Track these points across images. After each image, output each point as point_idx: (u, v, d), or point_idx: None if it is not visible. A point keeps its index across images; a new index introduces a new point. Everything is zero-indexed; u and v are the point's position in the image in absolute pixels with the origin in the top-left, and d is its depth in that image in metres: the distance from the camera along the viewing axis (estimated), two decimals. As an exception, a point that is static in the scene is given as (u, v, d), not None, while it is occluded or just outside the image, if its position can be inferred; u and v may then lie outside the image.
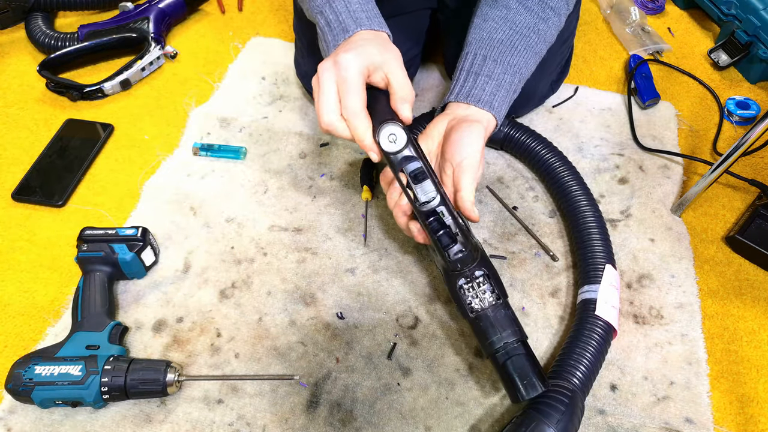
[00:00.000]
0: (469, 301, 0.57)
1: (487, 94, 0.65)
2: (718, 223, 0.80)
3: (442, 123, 0.65)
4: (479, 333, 0.57)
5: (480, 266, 0.58)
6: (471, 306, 0.57)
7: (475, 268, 0.58)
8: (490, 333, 0.56)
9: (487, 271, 0.58)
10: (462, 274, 0.57)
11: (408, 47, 0.87)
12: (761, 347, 0.68)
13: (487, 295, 0.57)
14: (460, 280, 0.58)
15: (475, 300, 0.57)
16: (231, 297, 0.70)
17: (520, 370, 0.54)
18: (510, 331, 0.56)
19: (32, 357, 0.59)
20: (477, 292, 0.57)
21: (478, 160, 0.60)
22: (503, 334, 0.55)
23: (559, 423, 0.53)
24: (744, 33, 0.97)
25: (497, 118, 0.65)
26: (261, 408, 0.61)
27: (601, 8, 1.13)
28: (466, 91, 0.66)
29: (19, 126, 0.89)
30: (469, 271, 0.57)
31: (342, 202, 0.79)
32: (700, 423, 0.61)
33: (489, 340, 0.56)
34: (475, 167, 0.60)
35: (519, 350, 0.55)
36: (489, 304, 0.57)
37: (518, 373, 0.54)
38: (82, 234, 0.68)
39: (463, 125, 0.62)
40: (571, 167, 0.77)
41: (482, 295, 0.57)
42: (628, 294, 0.71)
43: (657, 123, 0.92)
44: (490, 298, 0.57)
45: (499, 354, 0.55)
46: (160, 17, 1.01)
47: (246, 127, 0.89)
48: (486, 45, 0.67)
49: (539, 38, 0.69)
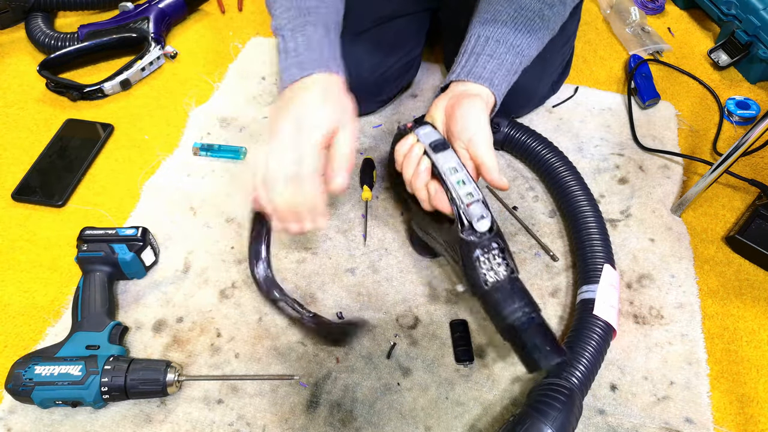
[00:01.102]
0: (483, 273, 0.56)
1: (488, 71, 0.64)
2: (718, 223, 0.80)
3: (442, 102, 0.64)
4: (493, 305, 0.56)
5: (496, 238, 0.57)
6: (485, 279, 0.56)
7: (492, 240, 0.57)
8: (507, 304, 0.55)
9: (503, 243, 0.57)
10: (480, 245, 0.56)
11: (409, 48, 0.87)
12: (761, 347, 0.68)
13: (502, 268, 0.56)
14: (477, 251, 0.56)
15: (490, 272, 0.56)
16: (231, 297, 0.70)
17: (539, 339, 0.53)
18: (526, 301, 0.55)
19: (32, 357, 0.59)
20: (492, 264, 0.56)
21: (487, 131, 0.60)
22: (520, 304, 0.54)
23: (556, 421, 0.53)
24: (744, 33, 0.97)
25: (496, 96, 0.65)
26: (261, 408, 0.61)
27: (601, 8, 1.13)
28: (467, 69, 0.65)
29: (19, 126, 0.89)
30: (487, 242, 0.56)
31: (342, 202, 0.79)
32: (700, 423, 0.61)
33: (506, 311, 0.54)
34: (487, 138, 0.59)
35: (538, 320, 0.54)
36: (504, 277, 0.56)
37: (537, 342, 0.53)
38: (82, 234, 0.68)
39: (463, 101, 0.61)
40: (571, 167, 0.77)
41: (497, 267, 0.56)
42: (628, 294, 0.71)
43: (657, 123, 0.92)
44: (504, 270, 0.56)
45: (516, 324, 0.54)
46: (160, 17, 1.01)
47: (246, 127, 0.89)
48: (489, 26, 0.67)
49: (543, 23, 0.68)
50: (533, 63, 0.72)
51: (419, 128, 0.62)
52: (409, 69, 0.91)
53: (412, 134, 0.62)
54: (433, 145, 0.59)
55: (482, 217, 0.57)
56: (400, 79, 0.89)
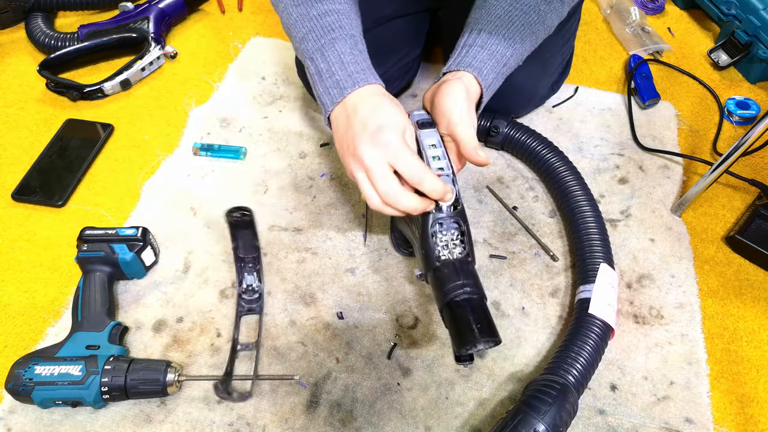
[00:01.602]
0: (438, 249, 0.55)
1: (478, 61, 0.65)
2: (718, 223, 0.80)
3: (429, 93, 0.66)
4: (439, 281, 0.53)
5: (458, 218, 0.56)
6: (438, 255, 0.54)
7: (453, 218, 0.55)
8: (450, 280, 0.52)
9: (464, 227, 0.56)
10: (439, 220, 0.55)
11: (409, 49, 0.87)
12: (761, 347, 0.68)
13: (458, 249, 0.55)
14: (435, 226, 0.55)
15: (444, 250, 0.55)
16: (231, 297, 0.70)
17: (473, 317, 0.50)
18: (472, 282, 0.53)
19: (32, 357, 0.59)
20: (448, 243, 0.55)
21: (465, 110, 0.60)
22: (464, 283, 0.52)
23: (546, 415, 0.53)
24: (744, 33, 0.97)
25: (483, 85, 0.64)
26: (261, 408, 0.61)
27: (601, 8, 1.13)
28: (458, 60, 0.65)
29: (19, 126, 0.89)
30: (447, 219, 0.55)
31: (342, 202, 0.79)
32: (700, 423, 0.61)
33: (447, 287, 0.52)
34: (465, 117, 0.59)
35: (478, 301, 0.52)
36: (457, 257, 0.54)
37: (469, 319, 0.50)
38: (82, 234, 0.68)
39: (442, 86, 0.62)
40: (570, 166, 0.77)
41: (453, 248, 0.55)
42: (628, 294, 0.71)
43: (657, 123, 0.92)
44: (459, 253, 0.55)
45: (455, 300, 0.52)
46: (160, 17, 1.01)
47: (246, 127, 0.89)
48: (484, 20, 0.67)
49: (539, 18, 0.68)
50: (533, 63, 0.72)
51: (415, 110, 0.64)
52: (409, 69, 0.91)
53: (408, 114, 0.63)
54: (420, 122, 0.61)
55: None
56: (400, 79, 0.89)
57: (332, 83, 0.60)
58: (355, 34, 0.63)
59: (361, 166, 0.56)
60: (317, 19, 0.62)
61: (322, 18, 0.62)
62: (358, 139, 0.56)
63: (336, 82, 0.60)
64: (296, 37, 0.64)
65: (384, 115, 0.57)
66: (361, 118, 0.57)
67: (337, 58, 0.61)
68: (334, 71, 0.60)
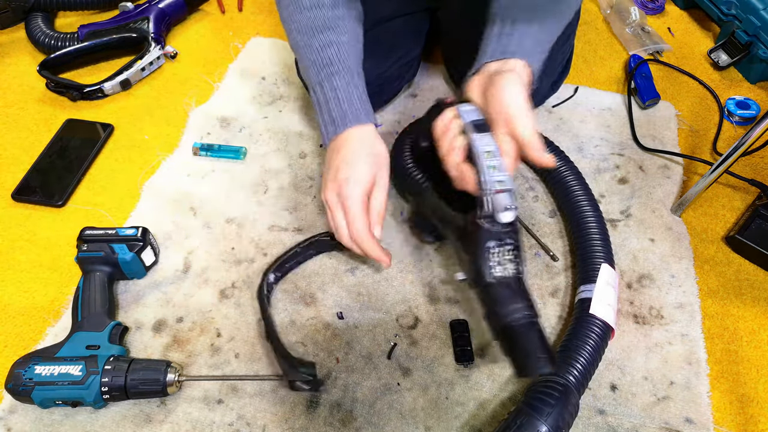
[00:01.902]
0: (491, 265, 0.54)
1: (524, 48, 0.62)
2: (718, 223, 0.80)
3: (476, 84, 0.62)
4: (494, 300, 0.54)
5: (514, 234, 0.55)
6: (492, 271, 0.54)
7: (509, 234, 0.55)
8: (509, 302, 0.53)
9: (518, 242, 0.55)
10: (496, 236, 0.54)
11: (408, 48, 0.87)
12: (761, 347, 0.68)
13: (511, 265, 0.55)
14: (491, 242, 0.54)
15: (498, 266, 0.54)
16: (231, 297, 0.70)
17: (535, 345, 0.52)
18: (528, 304, 0.54)
19: (32, 357, 0.59)
20: (502, 259, 0.54)
21: (528, 108, 0.56)
22: (522, 305, 0.53)
23: (549, 416, 0.53)
24: (744, 33, 0.97)
25: (533, 70, 0.62)
26: (261, 408, 0.61)
27: (601, 8, 1.13)
28: (500, 49, 0.62)
29: (19, 126, 0.89)
30: (504, 235, 0.54)
31: (342, 202, 0.79)
32: (700, 423, 0.61)
33: (506, 309, 0.53)
34: (528, 115, 0.56)
35: (537, 325, 0.53)
36: (511, 274, 0.54)
37: (532, 348, 0.52)
38: (82, 234, 0.68)
39: (496, 78, 0.59)
40: (571, 166, 0.77)
41: (507, 263, 0.54)
42: (628, 294, 0.71)
43: (657, 123, 0.92)
44: (513, 268, 0.55)
45: (514, 325, 0.53)
46: (160, 17, 1.01)
47: (246, 127, 0.89)
48: (512, 10, 0.64)
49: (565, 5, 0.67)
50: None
51: (461, 104, 0.60)
52: (409, 69, 0.91)
53: (453, 109, 0.60)
54: (474, 124, 0.57)
55: (507, 209, 0.54)
56: (400, 79, 0.89)
57: (329, 119, 0.66)
58: (353, 67, 0.67)
59: (326, 202, 0.65)
60: (319, 51, 0.67)
61: (323, 50, 0.67)
62: (330, 181, 0.64)
63: (332, 118, 0.66)
64: (301, 65, 0.70)
65: (354, 168, 0.63)
66: (338, 163, 0.64)
67: (334, 93, 0.66)
68: (332, 107, 0.66)
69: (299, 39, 0.69)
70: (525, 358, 0.52)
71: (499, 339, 0.55)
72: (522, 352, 0.52)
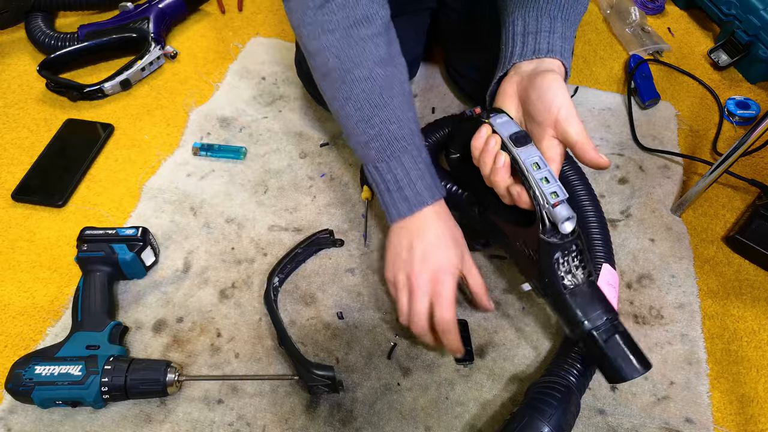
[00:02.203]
0: (561, 275, 0.53)
1: (554, 45, 0.60)
2: (718, 223, 0.80)
3: (511, 87, 0.60)
4: (571, 310, 0.53)
5: (577, 240, 0.54)
6: (564, 282, 0.53)
7: (573, 242, 0.53)
8: (587, 310, 0.52)
9: (583, 245, 0.54)
10: (561, 247, 0.53)
11: (410, 47, 0.87)
12: (761, 347, 0.68)
13: (580, 271, 0.54)
14: (557, 253, 0.53)
15: (568, 275, 0.54)
16: (231, 297, 0.70)
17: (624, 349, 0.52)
18: (607, 307, 0.53)
19: (32, 357, 0.59)
20: (571, 266, 0.54)
21: (573, 107, 0.55)
22: (601, 311, 0.52)
23: (552, 417, 0.53)
24: (744, 33, 0.97)
25: (567, 67, 0.61)
26: (261, 408, 0.61)
27: (601, 8, 1.13)
28: (530, 48, 0.61)
29: (19, 126, 0.89)
30: (568, 244, 0.53)
31: (342, 202, 0.79)
32: (700, 423, 0.61)
33: (586, 318, 0.52)
34: (576, 115, 0.55)
35: (621, 327, 0.53)
36: (581, 281, 0.53)
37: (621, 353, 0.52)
38: (82, 234, 0.68)
39: (538, 79, 0.57)
40: (574, 165, 0.77)
41: (575, 270, 0.54)
42: (628, 294, 0.71)
43: (657, 123, 0.92)
44: (582, 274, 0.54)
45: (598, 333, 0.52)
46: (160, 17, 1.01)
47: (246, 127, 0.89)
48: (532, 8, 0.63)
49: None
50: None
51: (494, 117, 0.58)
52: (410, 68, 0.90)
53: (487, 125, 0.58)
54: (513, 137, 0.55)
55: (568, 219, 0.53)
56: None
57: (400, 197, 0.62)
58: (417, 138, 0.63)
59: (410, 286, 0.61)
60: (380, 128, 0.61)
61: (385, 126, 0.61)
62: (417, 266, 0.60)
63: (405, 197, 0.62)
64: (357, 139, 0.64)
65: (445, 255, 0.60)
66: (425, 248, 0.61)
67: (405, 173, 0.62)
68: (402, 186, 0.62)
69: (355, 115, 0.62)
70: (615, 365, 0.52)
71: (583, 348, 0.55)
72: (610, 359, 0.52)
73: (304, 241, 0.71)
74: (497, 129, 0.57)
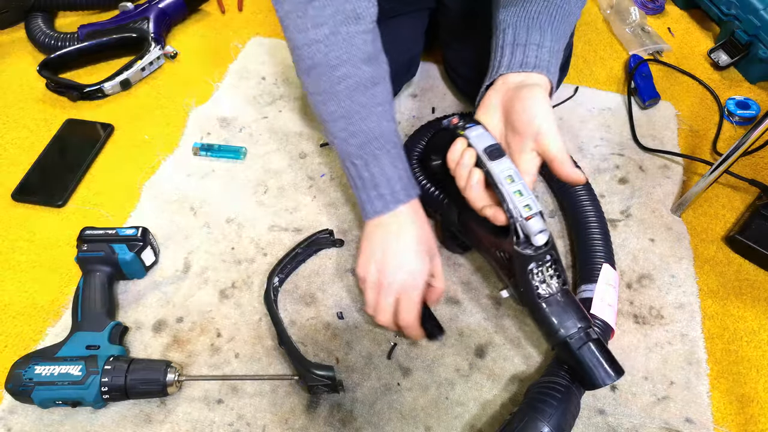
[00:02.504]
0: (536, 285, 0.55)
1: (541, 60, 0.61)
2: (718, 223, 0.80)
3: (495, 98, 0.61)
4: (546, 319, 0.55)
5: (551, 250, 0.55)
6: (538, 292, 0.55)
7: (547, 252, 0.55)
8: (561, 319, 0.54)
9: (556, 254, 0.55)
10: (535, 258, 0.55)
11: (408, 46, 0.87)
12: (761, 347, 0.68)
13: (555, 280, 0.55)
14: (531, 264, 0.55)
15: (542, 285, 0.55)
16: (231, 297, 0.70)
17: (597, 357, 0.53)
18: (580, 315, 0.54)
19: (32, 357, 0.59)
20: (545, 276, 0.55)
21: (555, 122, 0.56)
22: (574, 320, 0.54)
23: (552, 418, 0.53)
24: (744, 33, 0.97)
25: (552, 82, 0.62)
26: (261, 408, 0.61)
27: (601, 8, 1.13)
28: (517, 61, 0.61)
29: (19, 126, 0.89)
30: (542, 255, 0.55)
31: (342, 202, 0.79)
32: (700, 423, 0.61)
33: (560, 327, 0.54)
34: (557, 130, 0.56)
35: (593, 335, 0.54)
36: (556, 290, 0.55)
37: (595, 360, 0.53)
38: (82, 234, 0.68)
39: (523, 92, 0.58)
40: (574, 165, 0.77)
41: (550, 280, 0.55)
42: (628, 294, 0.71)
43: (657, 123, 0.92)
44: (557, 283, 0.55)
45: (571, 341, 0.54)
46: (160, 17, 1.01)
47: (246, 127, 0.89)
48: (523, 18, 0.63)
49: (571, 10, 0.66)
50: None
51: (470, 129, 0.58)
52: (409, 68, 0.91)
53: (462, 138, 0.58)
54: (488, 151, 0.56)
55: (541, 231, 0.54)
56: (400, 78, 0.89)
57: (376, 195, 0.63)
58: (396, 141, 0.64)
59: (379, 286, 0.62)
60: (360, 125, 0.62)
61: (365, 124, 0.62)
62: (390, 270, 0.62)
63: (380, 195, 0.63)
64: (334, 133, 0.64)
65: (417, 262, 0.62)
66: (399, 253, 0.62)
67: (381, 171, 0.62)
68: (378, 183, 0.63)
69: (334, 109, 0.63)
70: (588, 372, 0.53)
71: (560, 355, 0.56)
72: (584, 366, 0.53)
73: (304, 241, 0.71)
74: (472, 142, 0.57)
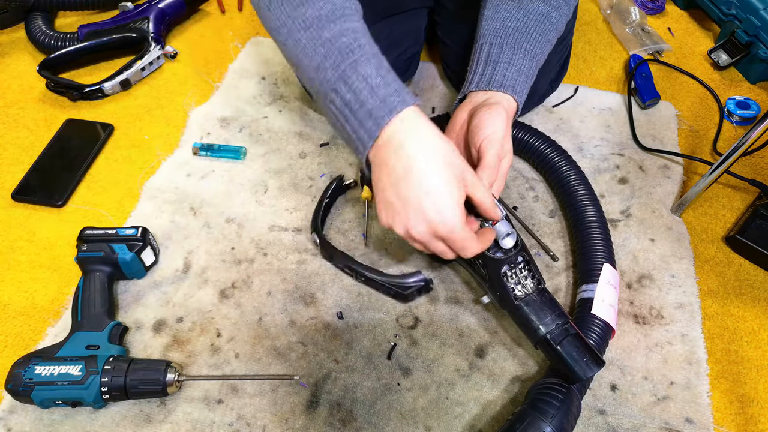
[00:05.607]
0: (512, 288, 0.57)
1: (509, 79, 0.64)
2: (718, 223, 0.80)
3: (462, 113, 0.64)
4: (524, 319, 0.57)
5: (521, 252, 0.57)
6: (514, 293, 0.57)
7: (517, 254, 0.57)
8: (538, 317, 0.56)
9: (528, 256, 0.58)
10: (507, 261, 0.57)
11: (407, 45, 0.87)
12: (761, 347, 0.68)
13: (529, 281, 0.57)
14: (504, 267, 0.57)
15: (518, 287, 0.57)
16: (231, 297, 0.70)
17: (576, 351, 0.55)
18: (558, 312, 0.56)
19: (32, 357, 0.59)
20: (519, 278, 0.57)
21: (500, 136, 0.59)
22: (552, 317, 0.56)
23: (554, 418, 0.53)
24: (744, 33, 0.97)
25: (518, 102, 0.64)
26: (261, 408, 0.61)
27: (601, 8, 1.13)
28: (486, 78, 0.64)
29: (19, 126, 0.89)
30: (513, 257, 0.57)
31: (342, 202, 0.79)
32: (700, 423, 0.61)
33: (538, 325, 0.56)
34: (498, 143, 0.58)
35: (571, 330, 0.56)
36: (531, 290, 0.57)
37: (575, 354, 0.55)
38: (82, 234, 0.68)
39: (483, 110, 0.61)
40: (574, 165, 0.77)
41: (524, 281, 0.57)
42: (628, 294, 0.71)
43: (657, 123, 0.92)
44: (532, 283, 0.57)
45: (550, 338, 0.56)
46: (160, 17, 1.01)
47: (246, 127, 0.89)
48: (501, 33, 0.66)
49: (552, 26, 0.68)
50: None
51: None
52: (408, 67, 0.91)
53: None
54: None
55: (507, 235, 0.57)
56: (399, 77, 0.89)
57: (364, 114, 0.52)
58: (377, 52, 0.56)
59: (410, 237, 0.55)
60: (332, 42, 0.54)
61: (337, 40, 0.54)
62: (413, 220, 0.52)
63: (368, 112, 0.52)
64: (309, 66, 0.55)
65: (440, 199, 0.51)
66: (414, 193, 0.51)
67: (364, 83, 0.52)
68: (363, 99, 0.52)
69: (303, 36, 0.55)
70: (569, 367, 0.55)
71: (542, 352, 0.58)
72: (565, 361, 0.55)
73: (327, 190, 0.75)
74: None
